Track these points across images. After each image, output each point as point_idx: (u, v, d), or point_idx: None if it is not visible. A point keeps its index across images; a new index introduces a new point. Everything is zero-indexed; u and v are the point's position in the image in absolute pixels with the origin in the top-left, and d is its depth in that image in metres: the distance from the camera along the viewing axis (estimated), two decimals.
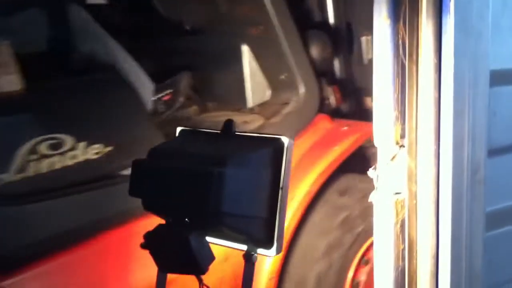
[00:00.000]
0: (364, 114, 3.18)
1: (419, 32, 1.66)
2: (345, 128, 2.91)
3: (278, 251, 1.15)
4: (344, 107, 3.19)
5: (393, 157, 1.80)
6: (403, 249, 1.82)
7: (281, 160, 1.16)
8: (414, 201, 1.78)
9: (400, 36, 1.72)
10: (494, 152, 1.80)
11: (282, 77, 2.81)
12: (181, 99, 3.01)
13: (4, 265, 2.03)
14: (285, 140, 1.17)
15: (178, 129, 1.33)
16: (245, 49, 2.83)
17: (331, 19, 3.07)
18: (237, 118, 2.77)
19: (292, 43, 2.75)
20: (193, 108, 3.02)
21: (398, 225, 1.81)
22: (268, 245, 1.14)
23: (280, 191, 1.15)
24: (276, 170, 1.16)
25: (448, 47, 1.63)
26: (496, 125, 1.80)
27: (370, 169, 1.85)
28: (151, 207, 1.22)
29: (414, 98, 1.73)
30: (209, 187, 1.09)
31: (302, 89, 2.79)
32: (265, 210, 1.14)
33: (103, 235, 2.20)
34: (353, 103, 3.21)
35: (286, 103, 2.80)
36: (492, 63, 1.71)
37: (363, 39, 3.06)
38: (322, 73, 3.04)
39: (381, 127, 1.80)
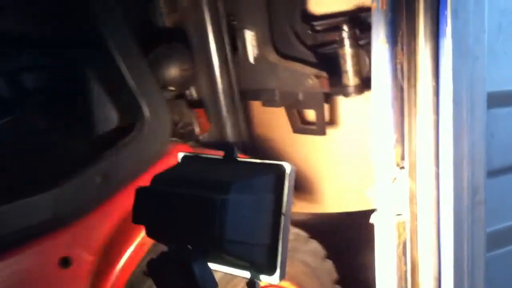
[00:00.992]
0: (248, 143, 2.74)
1: (417, 56, 1.68)
2: None
3: (281, 277, 1.16)
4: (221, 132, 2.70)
5: (394, 179, 1.81)
6: (406, 271, 1.83)
7: (282, 186, 1.17)
8: (416, 223, 1.79)
9: (398, 60, 1.75)
10: (493, 173, 1.82)
11: (126, 101, 2.41)
12: (25, 125, 2.50)
13: None
14: (286, 166, 1.18)
15: (180, 154, 1.34)
16: (89, 69, 2.44)
17: (207, 18, 2.64)
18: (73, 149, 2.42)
19: (130, 59, 2.36)
20: (40, 136, 2.50)
21: (400, 247, 1.82)
22: (271, 271, 1.15)
23: (282, 217, 1.16)
24: (278, 196, 1.17)
25: (445, 70, 1.65)
26: (494, 146, 1.81)
27: (369, 190, 1.87)
28: (154, 234, 1.23)
29: (413, 121, 1.74)
30: (212, 214, 1.10)
31: (146, 115, 2.36)
32: (267, 237, 1.15)
33: None
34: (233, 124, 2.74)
35: (130, 132, 2.38)
36: (489, 85, 1.73)
37: (248, 34, 2.66)
38: (182, 95, 2.69)
39: (380, 149, 1.82)
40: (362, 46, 2.35)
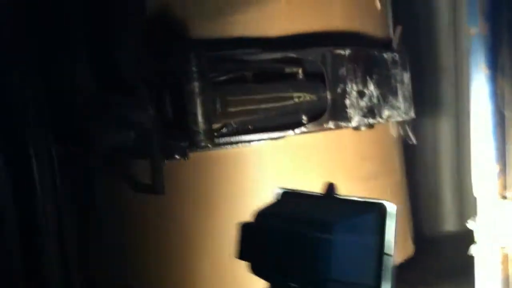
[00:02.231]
0: None
1: None
2: None
3: None
4: None
5: (497, 210, 1.74)
6: None
7: (384, 225, 1.15)
8: None
9: (498, 86, 1.69)
10: None
11: None
12: None
13: None
14: (388, 205, 1.16)
15: (279, 190, 1.35)
16: None
17: None
18: None
19: None
20: None
21: (506, 282, 1.73)
22: None
23: (384, 257, 1.14)
24: (379, 236, 1.15)
25: None
26: None
27: (469, 221, 1.80)
28: (258, 271, 1.23)
29: None
30: (317, 253, 1.09)
31: None
32: (371, 277, 1.13)
33: None
34: None
35: None
36: None
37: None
38: None
39: (481, 179, 1.75)
40: (215, 84, 1.78)
